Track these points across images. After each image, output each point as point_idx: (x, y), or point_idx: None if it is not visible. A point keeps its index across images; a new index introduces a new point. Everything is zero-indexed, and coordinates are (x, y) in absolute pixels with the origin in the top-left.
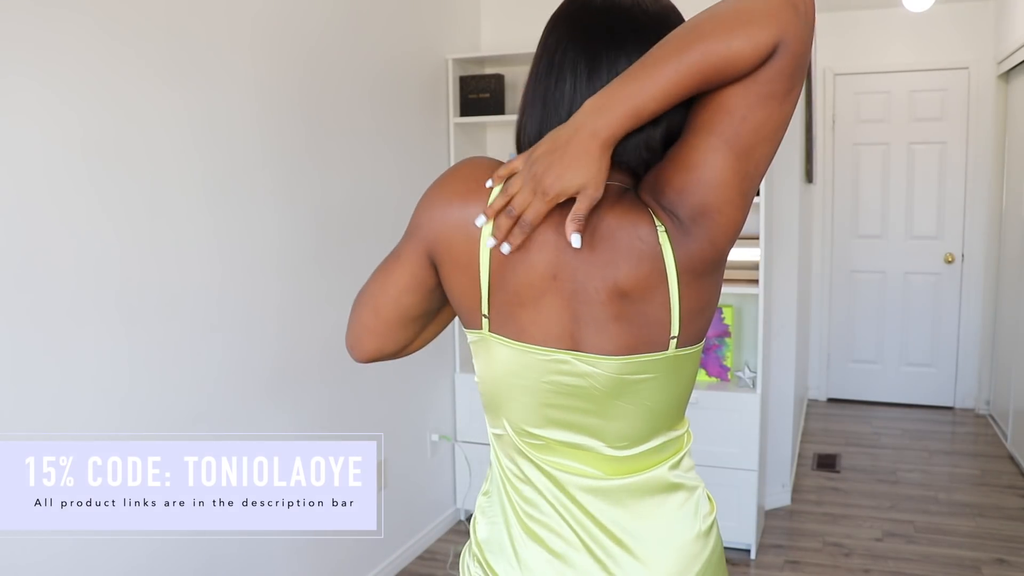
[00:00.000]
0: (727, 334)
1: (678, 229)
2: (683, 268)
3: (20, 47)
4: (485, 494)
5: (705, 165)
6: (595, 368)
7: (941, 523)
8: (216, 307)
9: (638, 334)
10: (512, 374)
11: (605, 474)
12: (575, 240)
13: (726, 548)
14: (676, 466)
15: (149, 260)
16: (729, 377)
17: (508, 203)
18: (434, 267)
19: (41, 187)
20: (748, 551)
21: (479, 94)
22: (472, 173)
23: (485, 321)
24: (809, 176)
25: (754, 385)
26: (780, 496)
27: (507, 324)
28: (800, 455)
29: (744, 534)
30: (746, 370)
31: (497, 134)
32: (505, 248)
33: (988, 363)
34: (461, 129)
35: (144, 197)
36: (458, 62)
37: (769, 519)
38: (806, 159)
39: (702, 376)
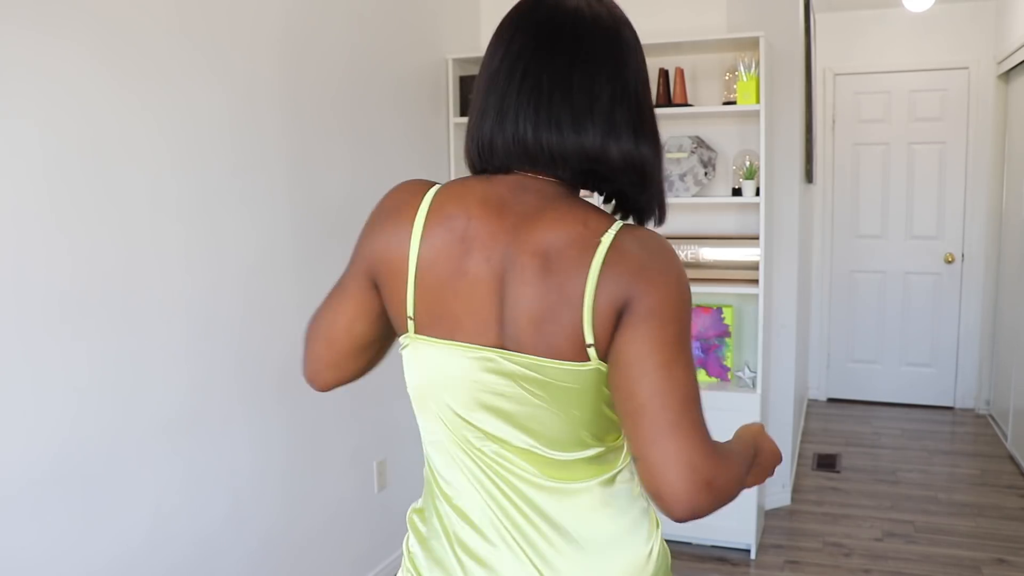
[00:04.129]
0: (727, 334)
1: None
2: None
3: (18, 45)
4: (418, 511)
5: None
6: None
7: (941, 523)
8: (215, 309)
9: None
10: None
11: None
12: None
13: (727, 548)
14: None
15: (147, 259)
16: (729, 377)
17: None
18: (377, 290)
19: (35, 186)
20: (748, 551)
21: None
22: (398, 195)
23: None
24: (809, 176)
25: (754, 385)
26: (780, 496)
27: None
28: (800, 455)
29: (744, 534)
30: (746, 370)
31: None
32: None
33: (988, 363)
34: (461, 129)
35: (142, 196)
36: (458, 62)
37: (769, 519)
38: (806, 159)
39: (702, 376)
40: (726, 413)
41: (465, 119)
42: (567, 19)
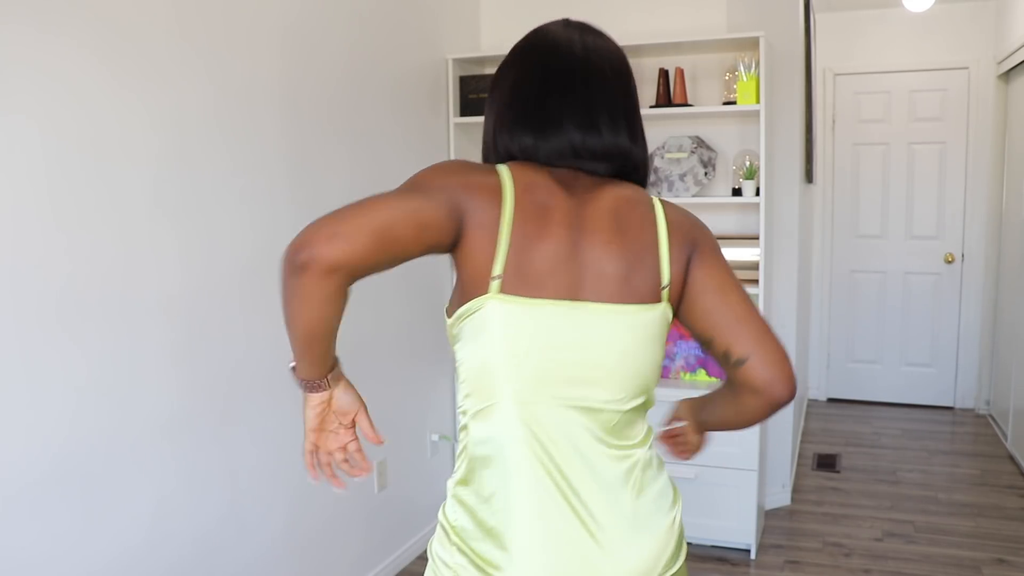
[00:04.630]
0: None
1: None
2: None
3: (18, 45)
4: (462, 483)
5: None
6: None
7: (941, 523)
8: (213, 309)
9: None
10: None
11: None
12: None
13: (727, 548)
14: None
15: (145, 259)
16: None
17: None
18: (456, 232)
19: (33, 185)
20: (748, 551)
21: (479, 94)
22: (475, 166)
23: None
24: (809, 176)
25: None
26: (780, 496)
27: None
28: (800, 455)
29: (744, 534)
30: None
31: None
32: None
33: (988, 363)
34: (461, 129)
35: (140, 196)
36: (458, 62)
37: (769, 519)
38: (806, 159)
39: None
40: None
41: (465, 119)
42: (590, 51)
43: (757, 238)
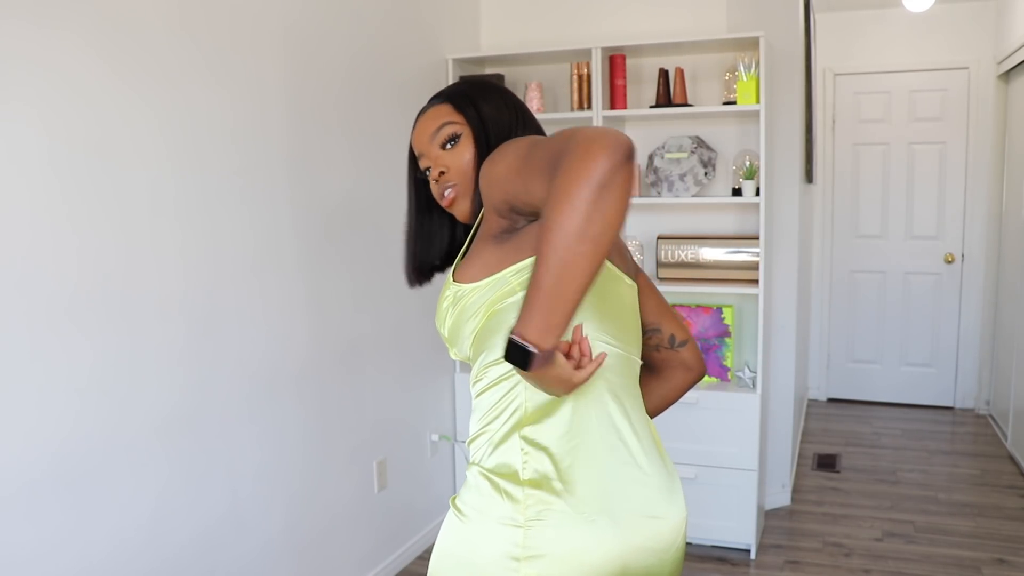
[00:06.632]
0: (727, 334)
1: None
2: None
3: (19, 45)
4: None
5: None
6: None
7: (941, 523)
8: (214, 309)
9: None
10: None
11: None
12: None
13: (727, 548)
14: None
15: (148, 258)
16: (729, 377)
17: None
18: None
19: (38, 184)
20: (748, 551)
21: None
22: None
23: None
24: (809, 176)
25: (754, 385)
26: (780, 496)
27: None
28: (800, 455)
29: (744, 534)
30: (746, 370)
31: None
32: None
33: (988, 363)
34: None
35: (143, 195)
36: (458, 62)
37: (769, 519)
38: (806, 159)
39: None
40: (726, 413)
41: None
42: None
43: (757, 238)
